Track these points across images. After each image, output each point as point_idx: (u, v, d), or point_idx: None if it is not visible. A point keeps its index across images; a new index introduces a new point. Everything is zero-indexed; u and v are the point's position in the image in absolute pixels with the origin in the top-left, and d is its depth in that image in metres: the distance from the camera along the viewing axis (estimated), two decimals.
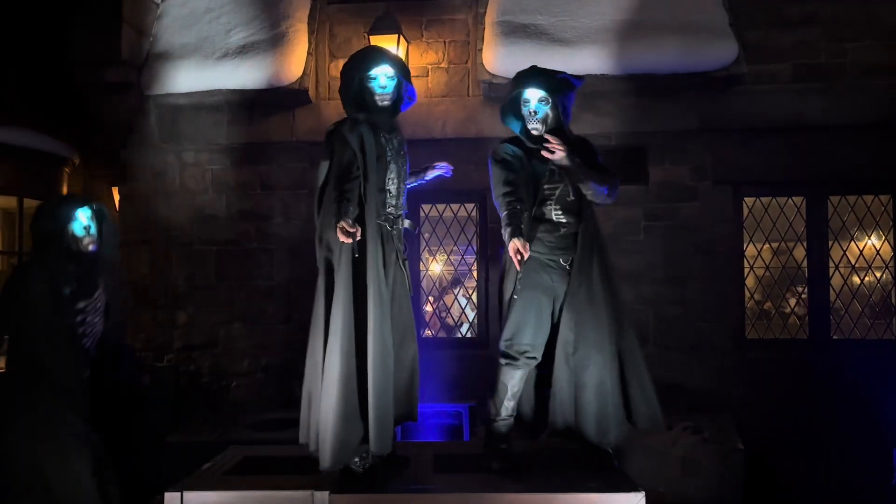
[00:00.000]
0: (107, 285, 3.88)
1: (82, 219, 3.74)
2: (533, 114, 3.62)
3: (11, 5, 6.54)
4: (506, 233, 3.43)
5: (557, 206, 3.68)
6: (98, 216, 3.80)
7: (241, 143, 6.43)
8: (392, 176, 3.60)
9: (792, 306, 6.41)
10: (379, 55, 3.67)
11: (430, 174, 3.90)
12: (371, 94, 3.58)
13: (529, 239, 3.57)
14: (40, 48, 6.57)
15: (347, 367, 3.37)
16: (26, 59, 6.48)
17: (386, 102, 3.60)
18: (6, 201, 6.35)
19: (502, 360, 3.63)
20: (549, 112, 3.65)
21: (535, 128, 3.64)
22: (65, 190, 3.83)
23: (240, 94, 6.21)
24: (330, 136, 3.59)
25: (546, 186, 3.66)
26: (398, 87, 3.63)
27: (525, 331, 3.60)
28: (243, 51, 6.22)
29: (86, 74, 6.29)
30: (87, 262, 3.76)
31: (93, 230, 3.75)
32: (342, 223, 3.24)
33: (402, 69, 3.65)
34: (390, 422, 3.42)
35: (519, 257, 3.34)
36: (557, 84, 3.66)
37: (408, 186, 3.78)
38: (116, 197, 6.82)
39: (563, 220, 3.68)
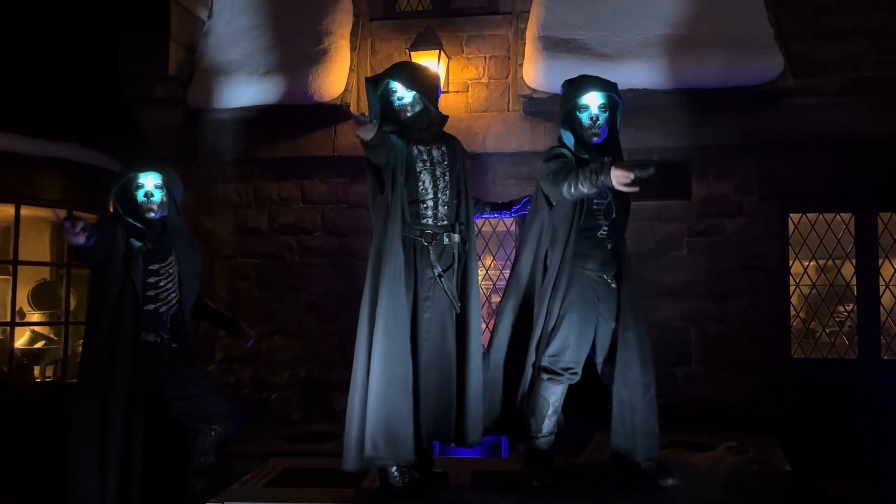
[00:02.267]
0: (180, 258, 3.92)
1: (147, 184, 3.79)
2: (594, 119, 3.57)
3: (62, 22, 6.73)
4: (582, 178, 3.31)
5: (606, 223, 3.67)
6: (168, 184, 3.84)
7: (283, 158, 6.51)
8: (426, 187, 3.59)
9: (840, 325, 6.25)
10: (391, 71, 3.69)
11: (516, 208, 4.01)
12: (394, 107, 3.65)
13: (580, 255, 3.56)
14: (89, 64, 6.74)
15: (363, 376, 3.45)
16: (75, 74, 6.64)
17: (408, 114, 3.63)
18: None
19: (544, 376, 3.60)
20: (608, 121, 3.62)
21: (596, 133, 3.58)
22: (111, 206, 3.92)
23: (283, 109, 6.29)
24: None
25: (595, 201, 3.63)
26: (421, 100, 3.63)
27: (571, 348, 3.58)
28: (287, 67, 6.31)
29: (134, 90, 6.45)
30: (154, 226, 3.81)
31: (155, 197, 3.79)
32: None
33: (419, 81, 3.64)
34: (397, 431, 3.38)
35: (628, 180, 3.15)
36: (616, 91, 3.62)
37: (485, 216, 3.81)
38: None
39: (607, 236, 3.67)
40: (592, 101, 3.59)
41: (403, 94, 3.62)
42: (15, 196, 6.04)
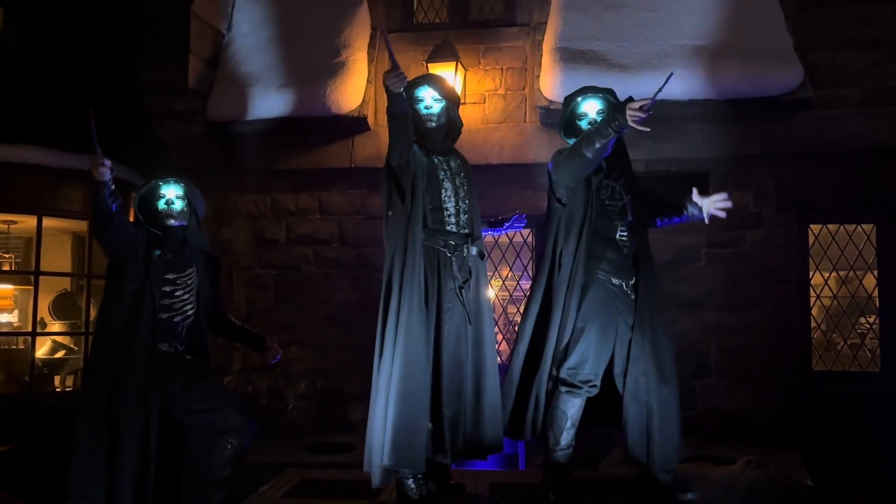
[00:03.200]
0: (199, 272, 3.93)
1: (168, 194, 3.83)
2: (594, 125, 3.60)
3: (84, 34, 6.82)
4: (603, 131, 3.37)
5: (623, 225, 3.65)
6: (186, 197, 3.88)
7: (301, 169, 6.55)
8: (449, 194, 3.61)
9: (861, 337, 6.16)
10: (424, 78, 3.79)
11: (507, 225, 3.96)
12: (418, 115, 3.67)
13: (593, 256, 3.55)
14: (110, 76, 6.83)
15: (385, 387, 3.43)
16: (97, 86, 6.73)
17: (432, 124, 3.67)
18: (77, 225, 6.57)
19: (563, 388, 3.58)
20: None
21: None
22: (132, 216, 3.95)
23: (301, 121, 6.33)
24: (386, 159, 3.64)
25: (608, 202, 3.63)
26: (447, 112, 3.70)
27: (590, 360, 3.55)
28: (305, 79, 6.36)
29: (154, 102, 6.53)
30: (174, 236, 3.83)
31: (175, 206, 3.83)
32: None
33: (448, 94, 3.73)
34: (415, 442, 3.37)
35: (643, 112, 3.29)
36: (613, 96, 3.70)
37: (483, 234, 3.81)
38: None
39: (626, 239, 3.64)
40: (591, 108, 3.69)
41: (432, 103, 3.68)
42: (37, 207, 6.11)
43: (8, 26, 6.53)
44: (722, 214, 3.66)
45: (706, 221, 3.81)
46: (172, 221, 3.83)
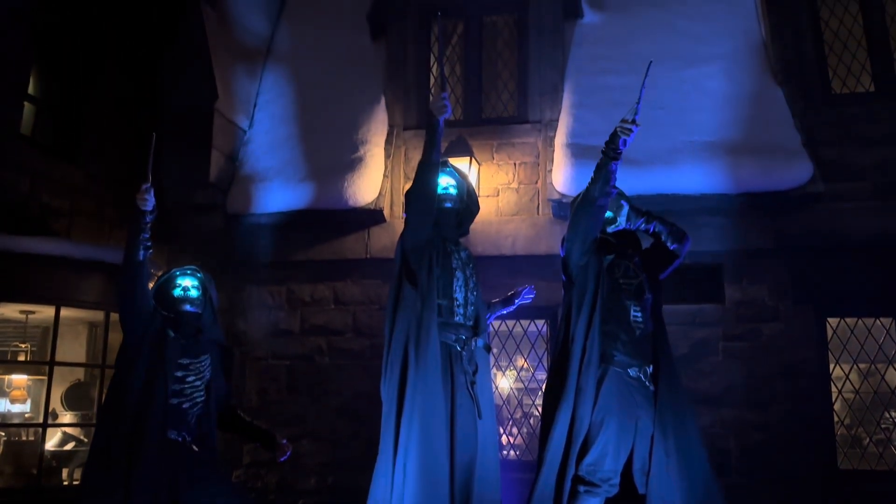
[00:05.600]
0: (213, 361, 3.90)
1: (185, 283, 3.88)
2: (619, 209, 3.76)
3: (110, 129, 7.07)
4: (600, 161, 3.59)
5: (637, 305, 3.60)
6: (203, 287, 3.92)
7: (317, 260, 6.63)
8: (460, 284, 3.62)
9: (887, 433, 5.98)
10: (445, 163, 3.88)
11: (517, 301, 3.97)
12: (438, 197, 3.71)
13: (606, 333, 3.48)
14: (135, 172, 7.02)
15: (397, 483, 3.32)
16: (122, 180, 6.92)
17: (449, 203, 3.73)
18: (94, 315, 6.62)
19: (581, 488, 3.43)
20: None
21: (620, 223, 3.79)
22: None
23: (319, 213, 6.46)
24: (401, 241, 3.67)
25: (622, 281, 3.61)
26: (461, 199, 3.80)
27: (610, 455, 3.44)
28: (324, 173, 6.52)
29: (176, 196, 6.68)
30: (189, 322, 3.84)
31: (191, 293, 3.86)
32: None
33: (464, 179, 3.89)
34: None
35: (633, 125, 3.54)
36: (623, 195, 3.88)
37: (494, 316, 3.80)
38: None
39: (640, 320, 3.58)
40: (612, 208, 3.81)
41: (449, 186, 3.78)
42: (56, 298, 6.17)
43: (39, 123, 6.80)
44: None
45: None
46: (188, 307, 3.85)
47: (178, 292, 3.87)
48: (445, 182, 3.79)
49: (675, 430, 3.48)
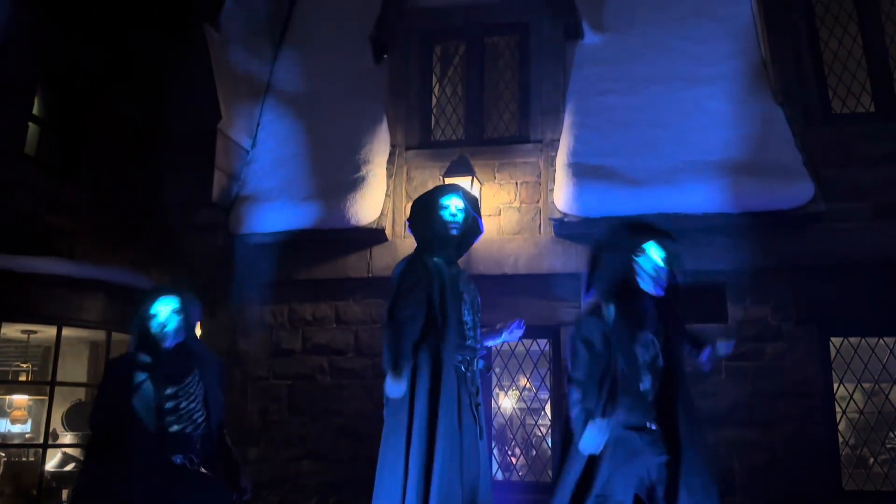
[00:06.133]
0: (205, 376, 3.87)
1: (161, 313, 3.79)
2: (667, 262, 3.50)
3: (113, 149, 7.11)
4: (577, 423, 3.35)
5: (648, 375, 3.51)
6: (185, 307, 3.85)
7: (319, 279, 6.63)
8: (468, 307, 3.62)
9: (892, 453, 5.94)
10: (452, 187, 3.83)
11: (505, 333, 3.79)
12: (443, 221, 3.67)
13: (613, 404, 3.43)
14: (137, 191, 7.06)
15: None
16: (124, 200, 6.95)
17: (455, 231, 3.68)
18: (96, 334, 6.62)
19: None
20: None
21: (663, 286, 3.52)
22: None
23: (321, 232, 6.47)
24: (410, 264, 3.61)
25: (639, 349, 3.49)
26: (466, 220, 3.73)
27: (617, 483, 3.40)
28: (326, 193, 6.54)
29: (178, 215, 6.71)
30: (171, 352, 3.80)
31: (169, 328, 3.78)
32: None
33: (472, 202, 3.79)
34: None
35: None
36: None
37: (486, 345, 3.77)
38: (198, 331, 7.04)
39: (649, 388, 3.54)
40: (657, 254, 3.51)
41: (457, 211, 3.69)
42: (57, 318, 6.17)
43: (43, 143, 6.84)
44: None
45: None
46: (167, 343, 3.81)
47: (155, 329, 3.79)
48: (455, 207, 3.70)
49: (697, 465, 3.43)
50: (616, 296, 3.47)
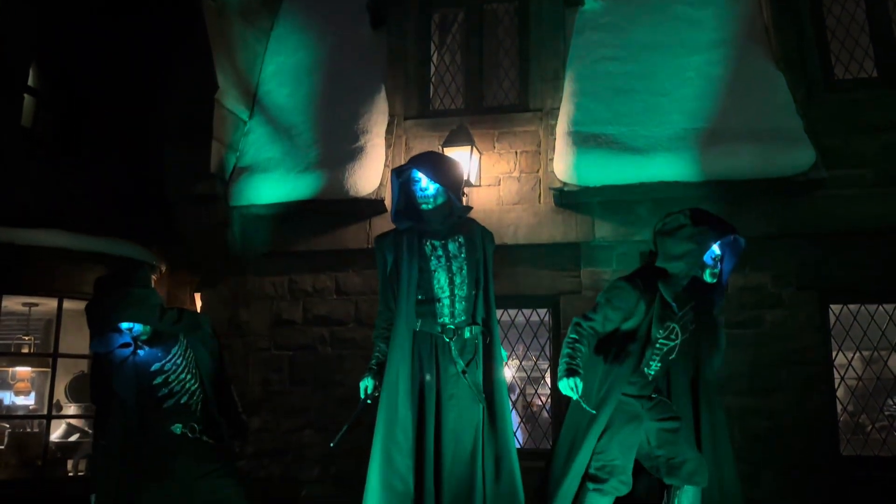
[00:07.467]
0: (191, 342, 3.90)
1: (128, 334, 3.79)
2: (717, 260, 3.66)
3: (111, 120, 7.06)
4: (562, 368, 3.43)
5: (658, 362, 3.60)
6: (147, 322, 3.80)
7: (319, 251, 6.63)
8: (442, 285, 3.52)
9: (890, 420, 5.98)
10: (413, 161, 3.66)
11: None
12: (414, 195, 3.60)
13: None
14: (135, 163, 7.02)
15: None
16: (124, 171, 6.91)
17: (427, 206, 3.56)
18: None
19: (590, 485, 3.43)
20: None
21: (715, 274, 3.66)
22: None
23: (319, 203, 6.45)
24: (376, 243, 3.68)
25: (661, 341, 3.57)
26: (444, 193, 3.58)
27: (615, 447, 3.45)
28: (325, 164, 6.51)
29: (176, 187, 6.69)
30: (147, 348, 3.83)
31: (141, 349, 3.80)
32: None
33: (442, 178, 3.56)
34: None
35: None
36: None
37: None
38: (199, 303, 7.07)
39: (653, 374, 3.60)
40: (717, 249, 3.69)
41: (427, 185, 3.55)
42: (58, 290, 6.19)
43: (40, 115, 6.79)
44: None
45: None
46: (139, 354, 3.81)
47: (127, 353, 3.80)
48: (423, 181, 3.55)
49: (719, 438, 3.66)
50: (663, 278, 3.55)
